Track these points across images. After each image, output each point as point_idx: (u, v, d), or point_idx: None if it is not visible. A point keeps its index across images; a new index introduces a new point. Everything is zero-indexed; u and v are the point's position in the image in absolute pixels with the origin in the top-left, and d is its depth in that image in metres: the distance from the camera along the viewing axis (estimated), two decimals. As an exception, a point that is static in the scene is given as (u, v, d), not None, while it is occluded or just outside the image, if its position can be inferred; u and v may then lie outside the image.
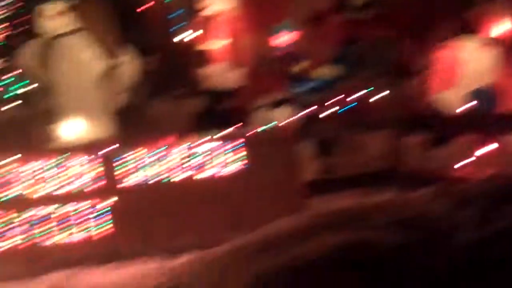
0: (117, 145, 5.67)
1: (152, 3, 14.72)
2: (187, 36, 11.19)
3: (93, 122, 6.62)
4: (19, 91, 6.50)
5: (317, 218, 3.96)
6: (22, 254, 5.71)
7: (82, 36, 6.46)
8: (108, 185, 5.66)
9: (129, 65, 6.70)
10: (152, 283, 4.62)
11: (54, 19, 6.50)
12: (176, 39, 12.96)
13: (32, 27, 6.71)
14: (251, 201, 5.78)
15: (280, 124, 6.00)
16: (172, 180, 5.73)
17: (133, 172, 5.68)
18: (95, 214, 5.66)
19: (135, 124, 10.51)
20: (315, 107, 6.09)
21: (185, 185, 5.75)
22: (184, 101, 12.63)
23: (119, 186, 5.68)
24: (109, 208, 5.67)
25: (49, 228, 5.59)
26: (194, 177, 5.75)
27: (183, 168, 5.75)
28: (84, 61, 6.49)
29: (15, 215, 5.55)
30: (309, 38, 8.03)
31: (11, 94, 6.49)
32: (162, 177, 5.72)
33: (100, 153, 5.61)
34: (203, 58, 9.21)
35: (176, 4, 14.16)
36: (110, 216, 5.68)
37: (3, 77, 6.53)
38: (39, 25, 6.64)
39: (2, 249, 5.56)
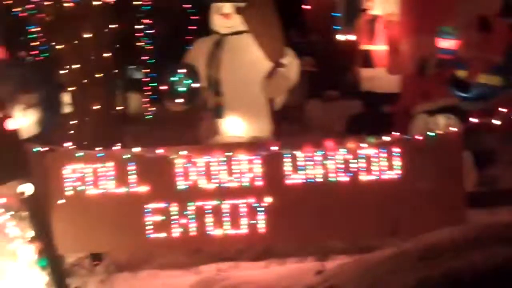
0: (278, 145, 5.76)
1: (313, 3, 14.91)
2: (347, 37, 11.26)
3: (256, 120, 6.80)
4: (187, 88, 6.73)
5: (483, 230, 3.85)
6: (182, 245, 5.95)
7: (250, 36, 6.61)
8: (267, 184, 5.75)
9: (291, 65, 6.79)
10: (305, 282, 4.67)
11: (226, 19, 6.74)
12: (336, 40, 13.08)
13: (202, 25, 6.98)
14: (406, 210, 5.69)
15: (441, 132, 5.84)
16: (328, 183, 5.74)
17: (292, 173, 5.75)
18: (253, 211, 5.76)
19: (294, 124, 10.71)
20: (478, 116, 5.88)
21: (340, 189, 5.74)
22: (342, 103, 12.67)
23: (277, 185, 5.76)
24: (267, 206, 5.76)
25: (209, 222, 5.76)
26: (350, 182, 5.74)
27: (339, 171, 5.76)
28: (252, 61, 6.65)
29: (179, 207, 5.77)
30: (474, 43, 7.79)
31: (179, 90, 6.74)
32: (318, 179, 5.74)
33: (261, 151, 5.72)
34: (363, 61, 9.19)
35: (338, 5, 14.24)
36: (267, 214, 5.76)
37: (172, 74, 6.78)
38: (212, 24, 6.91)
39: (166, 238, 5.79)
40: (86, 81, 6.78)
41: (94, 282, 5.32)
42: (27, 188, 4.77)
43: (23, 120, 5.73)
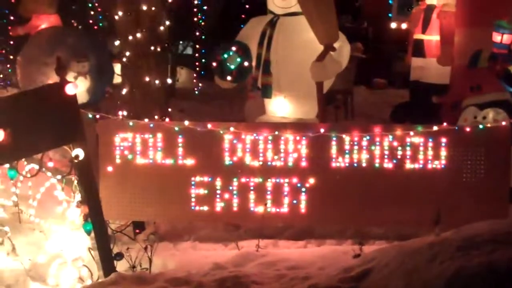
0: (325, 127, 5.79)
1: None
2: (401, 25, 11.19)
3: (303, 102, 6.83)
4: (237, 65, 6.78)
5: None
6: (224, 219, 6.07)
7: (305, 18, 6.61)
8: (312, 165, 5.80)
9: (342, 50, 6.78)
10: (342, 265, 4.70)
11: (281, -1, 6.77)
12: (388, 28, 13.01)
13: (257, 4, 6.98)
14: (449, 200, 5.68)
15: (490, 126, 5.81)
16: (372, 169, 5.76)
17: (337, 156, 5.78)
18: (296, 191, 5.82)
19: (340, 109, 10.71)
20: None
21: (384, 175, 5.77)
22: (389, 92, 12.62)
23: (321, 167, 5.80)
24: (309, 187, 5.81)
25: (251, 199, 5.86)
26: (395, 169, 5.75)
27: (383, 158, 5.77)
28: (304, 43, 6.66)
29: (224, 182, 5.86)
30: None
31: (229, 67, 6.79)
32: (363, 164, 5.77)
33: (308, 133, 5.76)
34: (414, 50, 9.14)
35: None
36: (309, 195, 5.82)
37: (223, 51, 6.83)
38: (267, 3, 6.93)
39: (208, 211, 5.90)
40: (138, 52, 6.87)
41: (135, 250, 5.41)
42: (80, 153, 4.88)
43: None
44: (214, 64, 6.89)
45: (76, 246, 5.35)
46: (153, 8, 6.83)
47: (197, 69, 13.93)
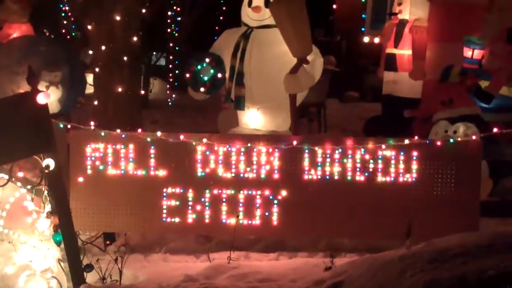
0: (298, 140, 5.80)
1: (342, 4, 14.89)
2: (374, 39, 11.27)
3: (276, 114, 6.84)
4: (210, 77, 6.77)
5: (497, 238, 3.88)
6: (195, 231, 6.04)
7: (278, 30, 6.63)
8: (284, 177, 5.80)
9: (315, 63, 6.81)
10: (313, 277, 4.71)
11: (255, 12, 6.77)
12: (361, 42, 13.12)
13: (229, 17, 7.01)
14: (420, 213, 5.71)
15: (461, 140, 5.86)
16: (344, 181, 5.77)
17: (309, 168, 5.79)
18: (268, 203, 5.81)
19: (313, 121, 10.75)
20: (498, 127, 5.90)
21: (355, 188, 5.78)
22: (361, 105, 12.70)
23: (294, 179, 5.80)
24: (281, 199, 5.81)
25: (223, 210, 5.84)
26: (366, 182, 5.77)
27: (355, 170, 5.79)
28: (277, 56, 6.68)
29: (196, 193, 5.84)
30: (500, 55, 7.81)
31: (202, 79, 6.78)
32: (335, 177, 5.78)
33: (281, 145, 5.77)
34: (386, 64, 9.21)
35: (364, 7, 14.24)
36: (281, 208, 5.82)
37: (196, 62, 6.82)
38: (241, 15, 6.95)
39: (180, 223, 5.87)
40: (111, 63, 6.84)
41: (105, 261, 5.36)
42: (51, 163, 4.83)
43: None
44: (188, 75, 6.87)
45: (45, 257, 5.28)
46: (126, 19, 6.80)
47: (170, 80, 13.91)
